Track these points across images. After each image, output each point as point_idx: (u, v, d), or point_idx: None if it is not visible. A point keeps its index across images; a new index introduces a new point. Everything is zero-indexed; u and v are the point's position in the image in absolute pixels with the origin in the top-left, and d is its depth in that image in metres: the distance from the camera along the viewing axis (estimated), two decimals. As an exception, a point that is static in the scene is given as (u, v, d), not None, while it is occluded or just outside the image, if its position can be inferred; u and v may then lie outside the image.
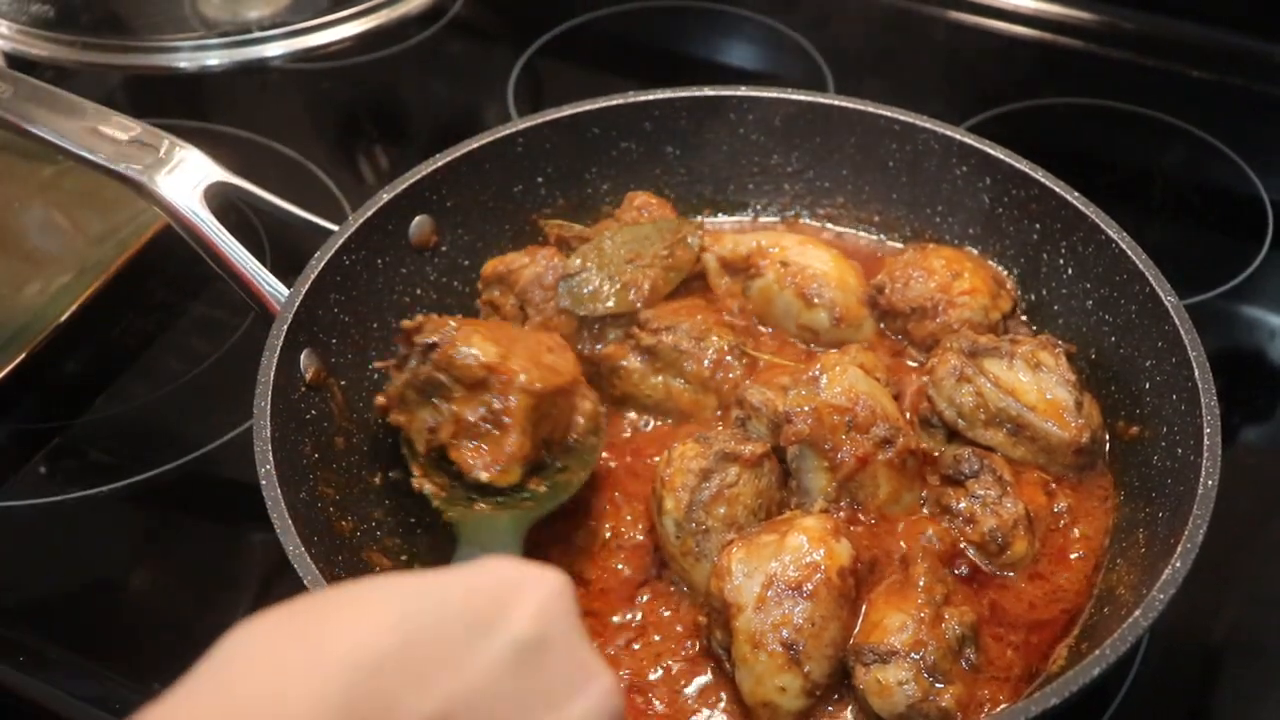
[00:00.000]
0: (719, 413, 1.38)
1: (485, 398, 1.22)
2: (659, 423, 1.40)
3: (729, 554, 1.17)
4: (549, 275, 1.41)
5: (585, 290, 1.40)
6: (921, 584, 1.17)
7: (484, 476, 1.22)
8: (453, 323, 1.24)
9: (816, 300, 1.43)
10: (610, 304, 1.40)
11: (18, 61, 1.75)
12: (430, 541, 1.31)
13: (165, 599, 1.39)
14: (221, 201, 1.46)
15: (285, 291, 1.33)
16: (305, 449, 1.27)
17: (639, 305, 1.40)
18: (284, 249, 1.62)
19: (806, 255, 1.46)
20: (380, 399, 1.29)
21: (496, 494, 1.23)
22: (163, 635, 1.33)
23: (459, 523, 1.20)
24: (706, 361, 1.37)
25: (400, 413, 1.27)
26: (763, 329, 1.47)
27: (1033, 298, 1.46)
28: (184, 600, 1.37)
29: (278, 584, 1.34)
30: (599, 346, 1.40)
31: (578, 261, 1.42)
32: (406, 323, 1.25)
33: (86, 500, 1.42)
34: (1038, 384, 1.30)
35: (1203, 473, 1.16)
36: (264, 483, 1.16)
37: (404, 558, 1.29)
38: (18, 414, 1.53)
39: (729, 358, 1.37)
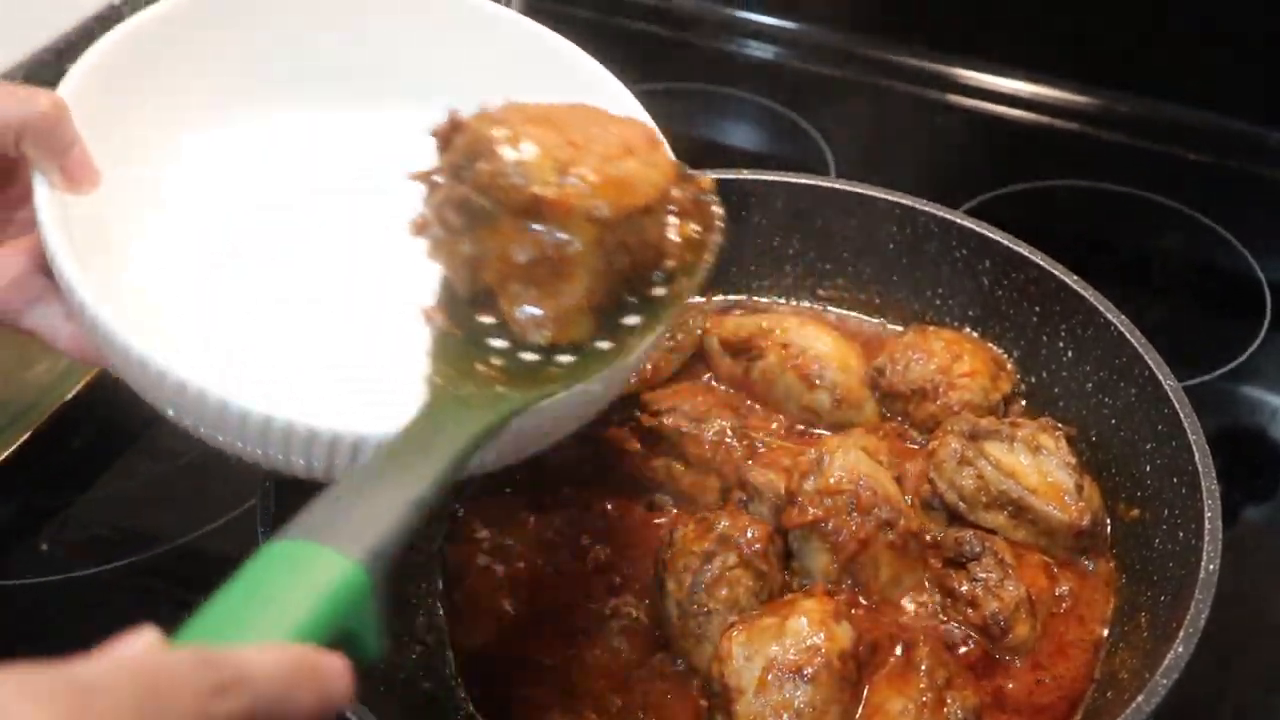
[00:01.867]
0: (721, 493, 1.38)
1: (537, 230, 0.93)
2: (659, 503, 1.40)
3: (730, 637, 1.17)
4: None
5: None
6: (923, 668, 1.17)
7: (538, 338, 0.96)
8: (497, 118, 0.96)
9: (818, 382, 1.44)
10: None
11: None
12: (427, 622, 1.31)
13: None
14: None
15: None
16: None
17: (641, 388, 1.41)
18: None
19: (807, 337, 1.47)
20: (415, 220, 1.01)
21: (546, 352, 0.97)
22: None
23: (432, 394, 0.92)
24: (707, 443, 1.37)
25: (434, 245, 0.99)
26: (759, 409, 1.47)
27: (1033, 380, 1.47)
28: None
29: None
30: (603, 429, 1.41)
31: None
32: (443, 123, 0.99)
33: (89, 579, 1.42)
34: (1038, 467, 1.31)
35: (1204, 556, 1.16)
36: (267, 563, 1.16)
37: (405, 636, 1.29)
38: (22, 491, 1.53)
39: (730, 439, 1.38)
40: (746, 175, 1.56)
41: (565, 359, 0.96)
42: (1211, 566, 1.15)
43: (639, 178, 0.95)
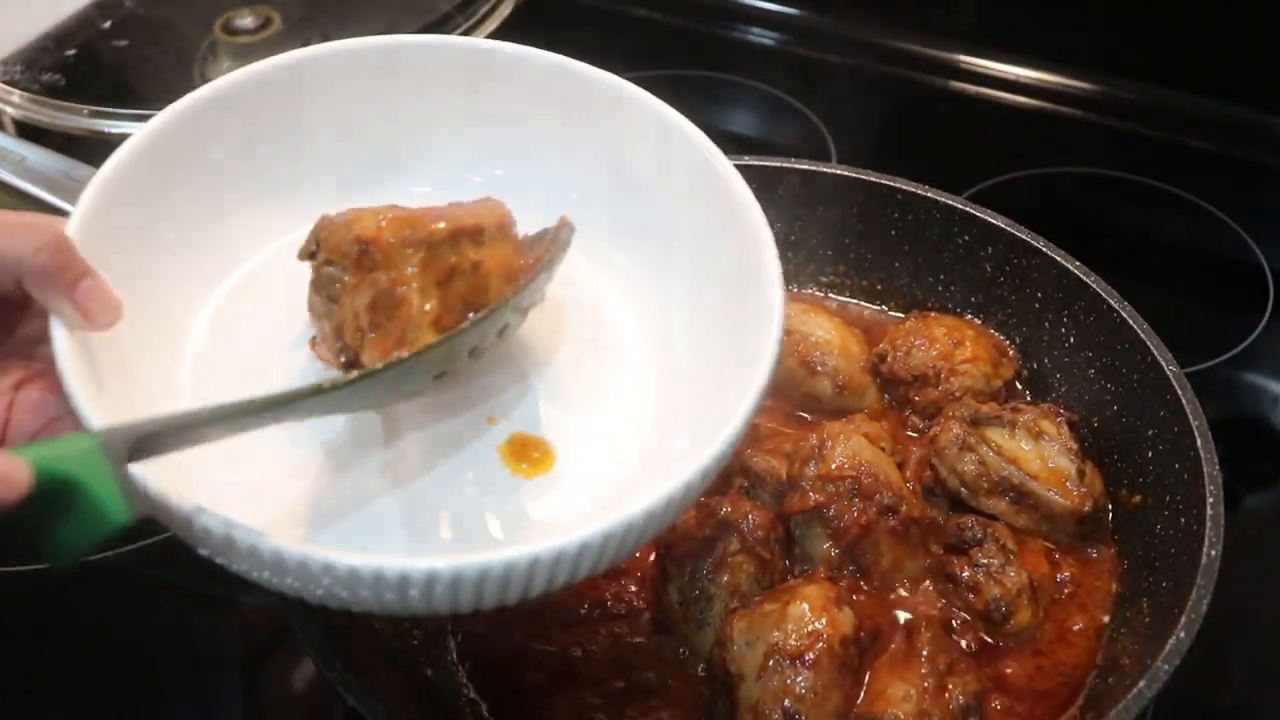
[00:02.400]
0: (722, 480, 1.38)
1: (375, 275, 1.00)
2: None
3: (731, 623, 1.17)
4: None
5: None
6: (925, 654, 1.17)
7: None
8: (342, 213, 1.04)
9: (819, 368, 1.44)
10: None
11: (28, 129, 1.76)
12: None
13: (156, 663, 1.38)
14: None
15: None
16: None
17: None
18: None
19: (809, 324, 1.46)
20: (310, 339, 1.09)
21: None
22: (149, 692, 1.33)
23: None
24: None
25: (315, 340, 1.07)
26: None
27: (1035, 366, 1.47)
28: (174, 664, 1.37)
29: (275, 649, 1.34)
30: None
31: None
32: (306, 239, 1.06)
33: (89, 565, 1.41)
34: (1040, 453, 1.31)
35: (1205, 542, 1.16)
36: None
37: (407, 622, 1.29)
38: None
39: None
40: (748, 161, 1.55)
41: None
42: (1213, 552, 1.15)
43: (450, 214, 1.04)
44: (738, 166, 1.53)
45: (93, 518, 0.81)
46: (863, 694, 1.16)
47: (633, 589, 1.30)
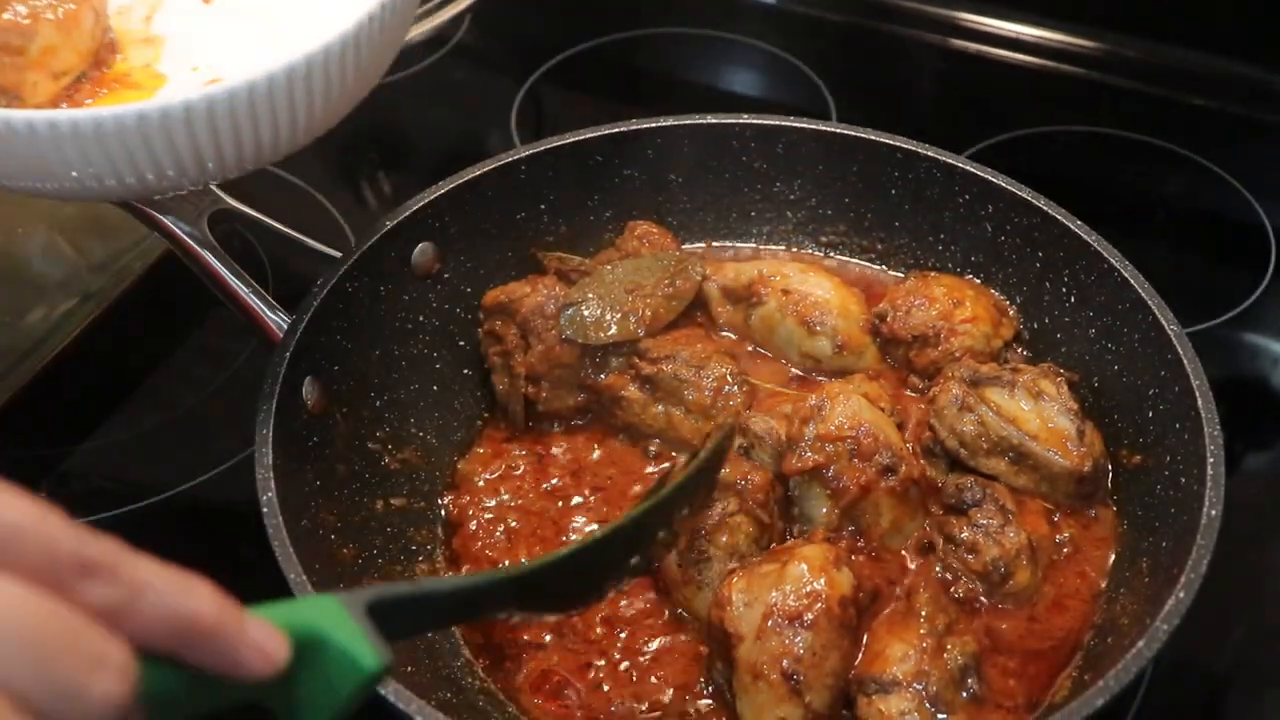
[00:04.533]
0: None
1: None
2: (658, 449, 1.40)
3: (730, 584, 1.17)
4: (550, 305, 1.41)
5: (587, 319, 1.40)
6: (924, 614, 1.17)
7: None
8: None
9: (819, 328, 1.43)
10: (613, 331, 1.40)
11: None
12: (429, 569, 1.31)
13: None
14: (224, 228, 1.46)
15: (287, 319, 1.33)
16: (307, 476, 1.27)
17: (641, 333, 1.40)
18: (287, 276, 1.62)
19: (808, 283, 1.46)
20: None
21: None
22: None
23: None
24: (707, 390, 1.37)
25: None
26: (764, 352, 1.47)
27: (1035, 326, 1.46)
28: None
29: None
30: (601, 376, 1.40)
31: (579, 292, 1.42)
32: None
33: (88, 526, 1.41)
34: (1039, 413, 1.30)
35: (1206, 502, 1.15)
36: (265, 510, 1.16)
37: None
38: (19, 440, 1.53)
39: (730, 385, 1.37)
40: (747, 120, 1.55)
41: None
42: (1214, 512, 1.14)
43: None
44: (737, 125, 1.54)
45: (341, 672, 0.72)
46: (861, 654, 1.17)
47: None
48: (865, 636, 1.18)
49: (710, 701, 1.19)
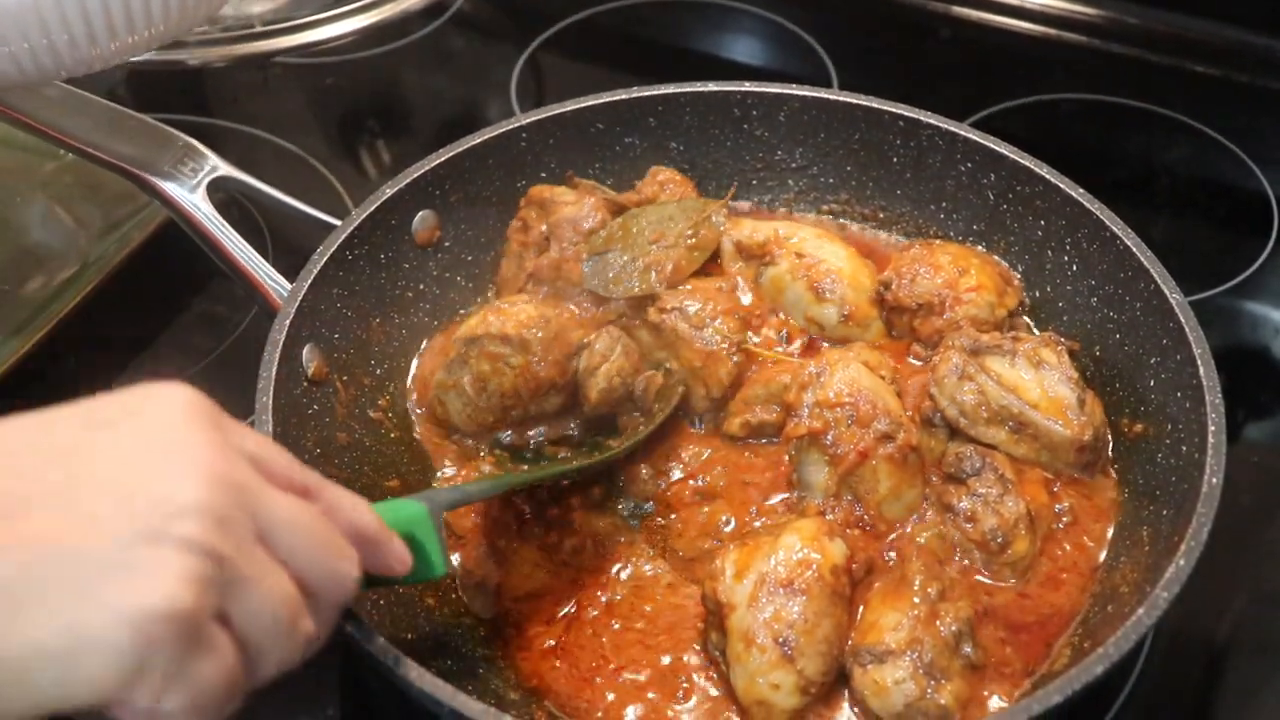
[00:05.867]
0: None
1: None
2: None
3: (723, 555, 1.17)
4: (586, 221, 1.42)
5: (610, 273, 1.40)
6: (916, 582, 1.16)
7: None
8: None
9: (828, 295, 1.42)
10: (635, 286, 1.39)
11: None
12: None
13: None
14: (224, 196, 1.46)
15: (288, 286, 1.32)
16: (307, 444, 1.27)
17: (660, 288, 1.39)
18: (286, 244, 1.61)
19: (823, 249, 1.45)
20: None
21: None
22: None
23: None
24: (699, 348, 1.35)
25: None
26: (775, 317, 1.45)
27: (1037, 294, 1.46)
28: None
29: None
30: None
31: (605, 243, 1.42)
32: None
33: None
34: (1040, 382, 1.30)
35: (1207, 470, 1.15)
36: (265, 478, 1.16)
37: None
38: (19, 408, 1.52)
39: (722, 346, 1.36)
40: (748, 87, 1.54)
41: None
42: (1215, 480, 1.14)
43: None
44: (738, 93, 1.53)
45: (421, 570, 1.01)
46: (856, 625, 1.17)
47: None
48: (860, 608, 1.18)
49: (708, 669, 1.19)
